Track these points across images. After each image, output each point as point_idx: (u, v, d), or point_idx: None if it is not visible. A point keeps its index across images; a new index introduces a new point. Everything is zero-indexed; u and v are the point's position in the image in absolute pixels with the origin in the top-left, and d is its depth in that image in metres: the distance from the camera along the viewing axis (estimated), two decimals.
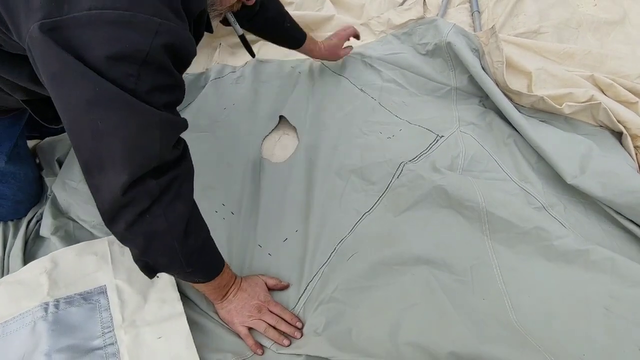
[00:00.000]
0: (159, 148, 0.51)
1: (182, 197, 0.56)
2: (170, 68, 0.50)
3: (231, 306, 0.69)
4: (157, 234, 0.54)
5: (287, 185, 0.89)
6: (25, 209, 0.87)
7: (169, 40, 0.47)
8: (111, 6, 0.44)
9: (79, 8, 0.43)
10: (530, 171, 0.87)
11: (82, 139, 0.49)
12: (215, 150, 0.95)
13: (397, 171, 0.85)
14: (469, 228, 0.77)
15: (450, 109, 1.00)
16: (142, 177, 0.50)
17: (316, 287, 0.74)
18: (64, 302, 0.69)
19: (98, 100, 0.46)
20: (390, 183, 0.84)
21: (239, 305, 0.69)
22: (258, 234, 0.82)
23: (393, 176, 0.85)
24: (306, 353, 0.64)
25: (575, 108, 0.94)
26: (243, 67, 1.12)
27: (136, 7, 0.45)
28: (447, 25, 1.05)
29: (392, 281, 0.72)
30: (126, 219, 0.52)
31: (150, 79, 0.47)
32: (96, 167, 0.50)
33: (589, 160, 0.84)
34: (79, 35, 0.44)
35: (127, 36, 0.45)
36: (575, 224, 0.79)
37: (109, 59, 0.44)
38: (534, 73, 0.99)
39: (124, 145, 0.48)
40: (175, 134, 0.55)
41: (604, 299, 0.67)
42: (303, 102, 1.03)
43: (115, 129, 0.47)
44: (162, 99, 0.50)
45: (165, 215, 0.53)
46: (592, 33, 1.23)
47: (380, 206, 0.82)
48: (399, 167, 0.86)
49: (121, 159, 0.49)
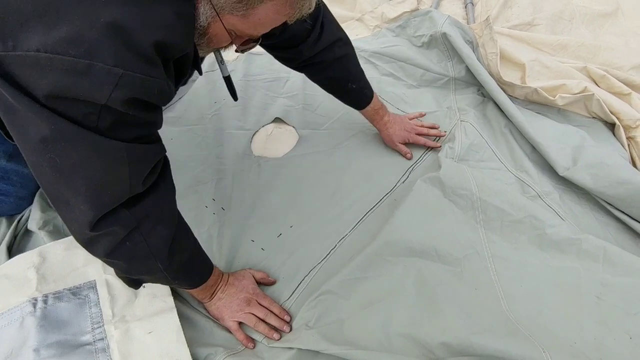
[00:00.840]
0: (129, 184, 0.47)
1: (163, 221, 0.53)
2: (138, 115, 0.45)
3: (220, 303, 0.68)
4: (139, 258, 0.52)
5: (280, 181, 0.88)
6: (28, 204, 0.85)
7: (131, 95, 0.41)
8: (63, 51, 0.38)
9: (25, 47, 0.38)
10: (526, 160, 0.87)
11: (43, 176, 0.45)
12: (206, 144, 0.94)
13: (403, 177, 0.87)
14: (462, 216, 0.77)
15: (449, 99, 1.00)
16: (111, 211, 0.47)
17: (311, 282, 0.73)
18: (53, 298, 0.68)
19: (55, 139, 0.41)
20: (395, 186, 0.85)
21: (227, 300, 0.68)
22: (250, 229, 0.81)
23: (399, 181, 0.86)
24: (297, 347, 0.64)
25: (568, 99, 0.94)
26: (235, 61, 1.11)
27: (95, 55, 0.38)
28: (441, 17, 1.05)
29: (384, 272, 0.71)
30: (104, 248, 0.50)
31: (113, 117, 0.42)
32: (62, 202, 0.47)
33: (581, 151, 0.85)
34: (25, 76, 0.39)
35: (80, 87, 0.39)
36: (570, 213, 0.79)
37: (62, 99, 0.40)
38: (527, 65, 0.99)
39: (87, 184, 0.44)
40: (147, 166, 0.49)
41: (595, 288, 0.68)
42: (296, 97, 1.02)
43: (77, 168, 0.43)
44: (131, 133, 0.45)
45: (147, 241, 0.51)
46: (586, 25, 1.22)
47: (384, 205, 0.82)
48: (405, 173, 0.87)
49: (85, 198, 0.45)
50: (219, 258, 0.77)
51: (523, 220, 0.74)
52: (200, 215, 0.83)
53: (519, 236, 0.73)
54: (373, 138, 0.94)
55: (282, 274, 0.75)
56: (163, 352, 0.64)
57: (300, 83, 1.05)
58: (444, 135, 0.93)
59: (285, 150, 0.93)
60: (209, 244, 0.79)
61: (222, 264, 0.76)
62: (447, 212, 0.77)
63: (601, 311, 0.65)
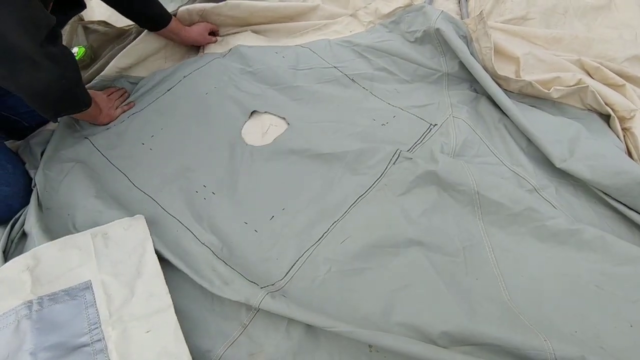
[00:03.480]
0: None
1: None
2: None
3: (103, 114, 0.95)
4: None
5: (271, 168, 0.88)
6: (20, 205, 0.84)
7: None
8: None
9: None
10: (522, 154, 0.87)
11: None
12: (197, 133, 0.94)
13: (394, 157, 0.84)
14: (461, 211, 0.77)
15: (442, 94, 0.99)
16: None
17: (305, 265, 0.73)
18: (48, 300, 0.67)
19: None
20: (386, 169, 0.83)
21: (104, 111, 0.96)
22: (242, 212, 0.81)
23: (389, 162, 0.84)
24: (298, 318, 0.63)
25: (563, 92, 0.94)
26: (227, 52, 1.10)
27: None
28: (435, 12, 1.04)
29: (385, 263, 0.71)
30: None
31: None
32: None
33: (577, 143, 0.85)
34: None
35: None
36: (567, 206, 0.79)
37: None
38: (521, 58, 0.99)
39: None
40: None
41: (595, 277, 0.68)
42: (288, 89, 1.02)
43: None
44: None
45: None
46: (579, 18, 1.23)
47: (375, 190, 0.81)
48: (395, 154, 0.85)
49: None
50: (210, 237, 0.77)
51: (522, 213, 0.74)
52: (190, 199, 0.83)
53: (519, 228, 0.74)
54: (362, 128, 0.93)
55: (275, 254, 0.75)
56: (162, 351, 0.63)
57: (291, 75, 1.04)
58: None
59: (277, 139, 0.93)
60: (199, 223, 0.79)
61: (215, 242, 0.77)
62: (445, 206, 0.77)
63: (601, 300, 0.65)
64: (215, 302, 0.71)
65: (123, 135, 0.95)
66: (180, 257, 0.74)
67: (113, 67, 1.05)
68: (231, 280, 0.71)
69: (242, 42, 1.12)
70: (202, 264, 0.73)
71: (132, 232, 0.76)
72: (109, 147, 0.93)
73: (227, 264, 0.73)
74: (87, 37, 1.15)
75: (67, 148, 0.92)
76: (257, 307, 0.66)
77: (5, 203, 0.82)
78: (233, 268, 0.72)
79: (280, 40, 1.17)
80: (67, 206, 0.81)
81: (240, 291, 0.68)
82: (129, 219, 0.78)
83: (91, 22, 1.19)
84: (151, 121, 0.97)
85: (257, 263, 0.74)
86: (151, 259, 0.73)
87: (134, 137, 0.94)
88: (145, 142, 0.93)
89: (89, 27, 1.16)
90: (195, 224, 0.79)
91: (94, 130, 0.96)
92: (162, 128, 0.95)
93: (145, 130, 0.96)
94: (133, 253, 0.73)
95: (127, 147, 0.93)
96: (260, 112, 0.98)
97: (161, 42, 1.11)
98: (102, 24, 1.17)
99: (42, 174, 0.85)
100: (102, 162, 0.90)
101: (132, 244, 0.74)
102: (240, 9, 1.15)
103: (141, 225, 0.77)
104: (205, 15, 1.14)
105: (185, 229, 0.78)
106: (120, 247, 0.74)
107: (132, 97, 1.03)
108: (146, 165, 0.89)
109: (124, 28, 1.16)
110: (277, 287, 0.71)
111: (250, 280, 0.71)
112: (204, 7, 1.13)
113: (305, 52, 1.09)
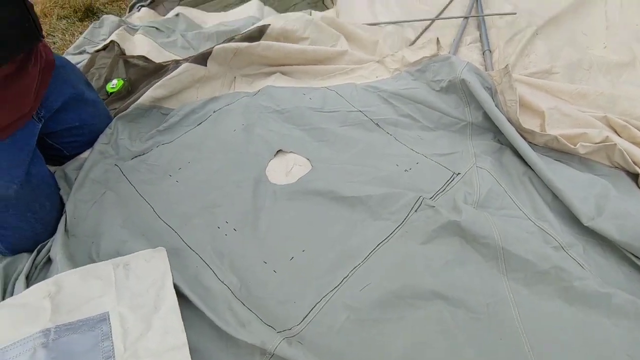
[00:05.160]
0: None
1: None
2: None
3: None
4: None
5: (294, 207, 0.88)
6: (46, 237, 0.85)
7: None
8: None
9: None
10: (547, 210, 0.86)
11: None
12: (223, 168, 0.96)
13: (416, 205, 0.84)
14: (485, 265, 0.75)
15: (465, 144, 1.00)
16: None
17: (323, 310, 0.72)
18: (66, 329, 0.67)
19: None
20: (407, 216, 0.83)
21: None
22: (263, 251, 0.81)
23: (411, 209, 0.83)
24: None
25: (590, 148, 0.94)
26: (256, 93, 1.14)
27: None
28: (461, 63, 1.07)
29: (405, 315, 0.69)
30: None
31: None
32: None
33: (606, 201, 0.83)
34: None
35: None
36: (595, 266, 0.77)
37: None
38: (546, 112, 1.00)
39: None
40: None
41: (627, 346, 0.64)
42: (314, 130, 1.04)
43: None
44: None
45: None
46: (603, 74, 1.24)
47: (396, 237, 0.80)
48: (417, 201, 0.85)
49: None
50: (230, 276, 0.77)
51: (549, 271, 0.72)
52: (212, 234, 0.84)
53: (545, 288, 0.71)
54: (385, 173, 0.94)
55: (293, 297, 0.74)
56: None
57: (317, 116, 1.06)
58: None
59: (301, 179, 0.94)
60: (219, 260, 0.79)
61: (234, 281, 0.76)
62: (469, 259, 0.76)
63: None
64: (230, 343, 0.70)
65: (151, 165, 0.98)
66: (198, 294, 0.73)
67: (148, 97, 1.10)
68: (248, 321, 0.70)
69: (272, 83, 1.17)
70: (219, 303, 0.72)
71: (153, 265, 0.76)
72: (137, 176, 0.95)
73: (244, 304, 0.72)
74: (126, 71, 1.21)
75: (98, 175, 0.95)
76: (273, 352, 0.65)
77: (35, 239, 0.83)
78: (250, 309, 0.72)
79: (308, 82, 1.21)
80: (93, 234, 0.83)
81: (256, 334, 0.67)
82: (151, 250, 0.79)
83: (132, 56, 1.26)
84: (179, 153, 1.00)
85: (275, 305, 0.73)
86: (169, 294, 0.73)
87: (162, 168, 0.97)
88: (172, 174, 0.95)
89: (129, 61, 1.23)
90: (216, 261, 0.79)
91: (124, 157, 0.99)
92: (190, 161, 0.98)
93: (173, 162, 0.98)
94: (152, 286, 0.73)
95: (154, 178, 0.95)
96: (286, 152, 1.00)
97: (195, 77, 1.16)
98: (141, 58, 1.24)
99: (72, 200, 0.88)
100: (129, 191, 0.92)
101: (152, 277, 0.75)
102: (272, 50, 1.21)
103: (162, 258, 0.77)
104: (239, 54, 1.20)
105: (205, 266, 0.78)
106: (141, 280, 0.74)
107: (162, 127, 1.07)
108: (171, 198, 0.91)
109: (161, 64, 1.22)
110: (293, 332, 0.69)
111: (267, 323, 0.70)
112: (238, 46, 1.19)
113: (332, 94, 1.12)
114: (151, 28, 1.39)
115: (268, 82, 1.18)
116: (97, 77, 1.22)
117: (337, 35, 1.33)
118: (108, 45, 1.31)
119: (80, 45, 1.42)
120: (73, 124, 0.93)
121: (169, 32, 1.40)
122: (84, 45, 1.41)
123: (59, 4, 1.77)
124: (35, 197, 0.82)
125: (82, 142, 0.98)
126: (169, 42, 1.35)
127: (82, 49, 1.40)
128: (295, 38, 1.27)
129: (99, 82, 1.20)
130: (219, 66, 1.19)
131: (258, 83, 1.20)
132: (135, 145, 1.03)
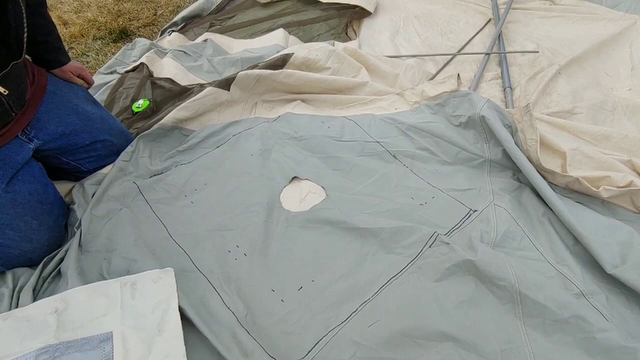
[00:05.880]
0: None
1: None
2: None
3: None
4: None
5: (305, 236, 0.87)
6: (39, 257, 0.84)
7: None
8: None
9: None
10: (568, 254, 0.82)
11: None
12: (237, 192, 0.96)
13: (430, 240, 0.82)
14: (500, 308, 0.72)
15: (484, 180, 0.98)
16: None
17: (329, 344, 0.69)
18: (69, 346, 0.66)
19: None
20: (421, 251, 0.81)
21: None
22: (271, 278, 0.80)
23: (425, 244, 0.82)
24: None
25: (613, 192, 0.91)
26: (276, 119, 1.16)
27: None
28: (481, 100, 1.07)
29: (414, 356, 0.66)
30: None
31: None
32: None
33: (630, 249, 0.80)
34: None
35: None
36: (618, 317, 0.72)
37: None
38: (568, 153, 0.98)
39: None
40: None
41: None
42: (329, 160, 1.04)
43: None
44: None
45: None
46: (628, 117, 1.22)
47: (408, 273, 0.78)
48: (431, 237, 0.83)
49: None
50: (236, 302, 0.76)
51: (568, 320, 0.68)
52: (222, 258, 0.83)
53: (564, 337, 0.67)
54: (399, 205, 0.92)
55: (299, 329, 0.72)
56: None
57: (334, 145, 1.07)
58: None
59: (314, 207, 0.94)
60: (227, 285, 0.78)
61: (240, 308, 0.75)
62: (483, 301, 0.73)
63: None
64: None
65: (168, 185, 0.99)
66: (203, 318, 0.72)
67: (171, 117, 1.13)
68: (251, 351, 0.68)
69: (292, 110, 1.19)
70: (224, 330, 0.71)
71: (160, 286, 0.76)
72: (153, 195, 0.96)
73: (249, 333, 0.71)
74: (153, 92, 1.25)
75: (115, 192, 0.97)
76: None
77: (25, 257, 0.83)
78: (254, 338, 0.70)
79: (327, 111, 1.23)
80: (105, 250, 0.84)
81: None
82: (159, 271, 0.78)
83: (159, 78, 1.30)
84: (196, 174, 1.01)
85: (280, 335, 0.71)
86: (173, 317, 0.72)
87: (178, 188, 0.98)
88: (188, 195, 0.97)
89: (156, 83, 1.27)
90: (224, 285, 0.78)
91: (143, 175, 1.01)
92: (206, 183, 0.99)
93: (190, 182, 0.99)
94: (157, 308, 0.73)
95: (170, 197, 0.96)
96: (301, 178, 1.00)
97: (218, 100, 1.19)
98: (168, 81, 1.28)
99: (88, 215, 0.89)
100: (144, 209, 0.94)
101: (158, 298, 0.74)
102: (294, 78, 1.23)
103: (170, 280, 0.77)
104: (261, 80, 1.23)
105: (212, 290, 0.77)
106: (146, 300, 0.74)
107: (182, 147, 1.09)
108: (185, 218, 0.91)
109: (186, 87, 1.26)
110: None
111: (271, 354, 0.68)
112: (261, 73, 1.22)
113: (350, 124, 1.13)
114: (180, 52, 1.45)
115: (288, 109, 1.20)
116: (124, 97, 1.26)
117: (359, 66, 1.35)
118: (137, 66, 1.37)
119: (112, 65, 1.48)
120: (83, 142, 0.95)
121: (196, 56, 1.45)
122: (115, 65, 1.48)
123: (96, 25, 1.87)
124: (18, 214, 0.81)
125: (98, 156, 1.00)
126: (195, 66, 1.40)
127: (113, 69, 1.46)
128: (318, 67, 1.30)
129: (126, 101, 1.24)
130: (242, 91, 1.23)
131: (278, 109, 1.22)
132: (155, 164, 1.05)
